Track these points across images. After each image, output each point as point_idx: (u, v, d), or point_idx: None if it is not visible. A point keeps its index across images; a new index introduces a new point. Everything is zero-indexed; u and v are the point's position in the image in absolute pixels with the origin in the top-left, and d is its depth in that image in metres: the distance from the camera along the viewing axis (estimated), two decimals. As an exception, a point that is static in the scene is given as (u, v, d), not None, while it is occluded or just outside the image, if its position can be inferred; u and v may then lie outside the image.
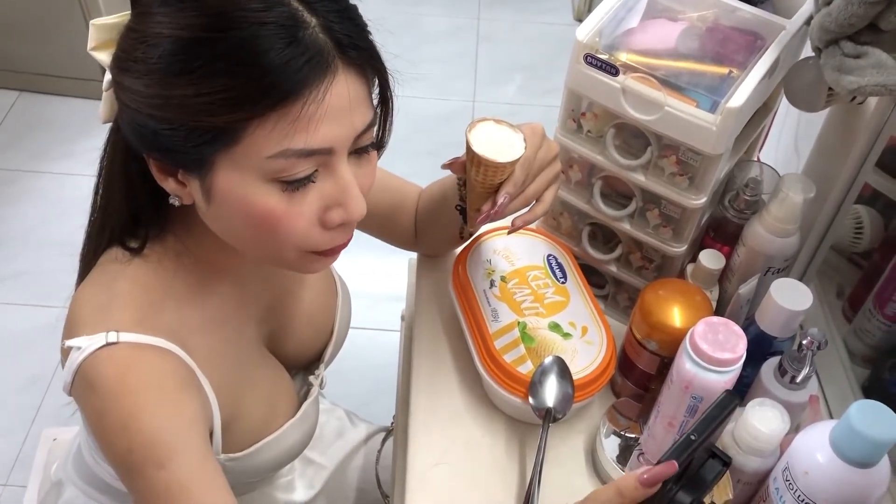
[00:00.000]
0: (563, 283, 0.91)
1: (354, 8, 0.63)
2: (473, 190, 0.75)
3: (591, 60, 0.80)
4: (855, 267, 0.97)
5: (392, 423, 1.09)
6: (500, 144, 0.71)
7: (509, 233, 0.82)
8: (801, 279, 0.96)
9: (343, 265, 0.85)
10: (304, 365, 0.92)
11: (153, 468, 0.63)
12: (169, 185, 0.65)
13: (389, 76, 0.66)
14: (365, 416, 1.16)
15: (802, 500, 0.65)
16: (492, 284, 0.90)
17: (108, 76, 0.64)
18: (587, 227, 0.95)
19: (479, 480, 0.84)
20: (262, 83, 0.57)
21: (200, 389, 0.70)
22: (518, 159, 0.72)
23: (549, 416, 0.81)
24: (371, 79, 0.64)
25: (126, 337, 0.65)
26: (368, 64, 0.63)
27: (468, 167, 0.73)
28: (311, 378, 0.89)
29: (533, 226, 0.99)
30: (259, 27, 0.57)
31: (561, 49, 2.65)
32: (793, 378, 0.77)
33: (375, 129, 0.67)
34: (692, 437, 0.54)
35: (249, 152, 0.59)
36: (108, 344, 0.64)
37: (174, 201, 0.66)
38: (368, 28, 0.64)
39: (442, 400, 0.91)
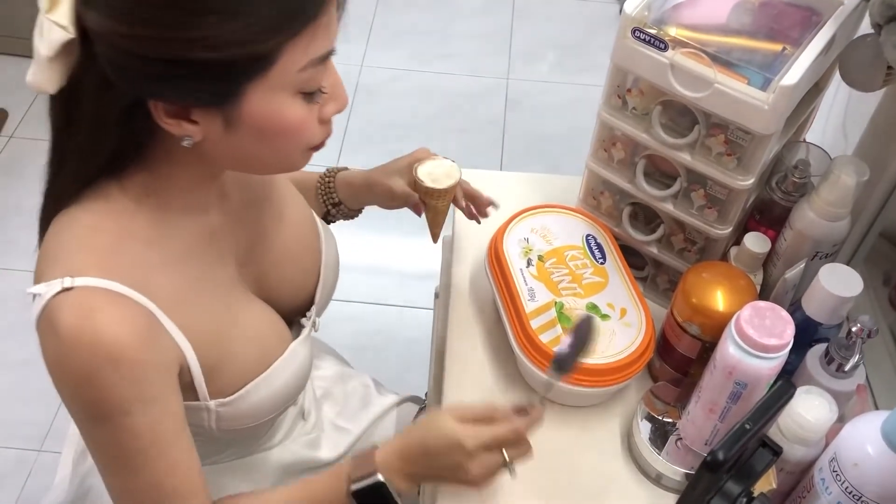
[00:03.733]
0: (601, 263, 0.90)
1: None
2: (438, 212, 0.93)
3: (640, 34, 0.78)
4: (904, 254, 0.94)
5: (424, 400, 1.09)
6: (441, 172, 0.91)
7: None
8: (847, 265, 0.93)
9: (371, 243, 0.85)
10: (297, 312, 0.91)
11: (119, 416, 0.65)
12: (181, 128, 0.63)
13: None
14: (398, 400, 1.15)
15: (850, 492, 0.63)
16: (529, 263, 0.89)
17: (57, 36, 0.60)
18: (628, 206, 0.92)
19: (512, 461, 0.83)
20: (300, 2, 0.60)
21: (163, 333, 0.69)
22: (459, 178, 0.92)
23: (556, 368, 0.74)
24: None
25: (81, 281, 0.65)
26: None
27: (429, 201, 0.92)
28: (303, 320, 0.89)
29: (572, 205, 0.97)
30: None
31: (597, 27, 2.60)
32: (840, 366, 0.75)
33: None
34: (747, 427, 0.52)
35: (283, 71, 0.62)
36: (64, 289, 0.64)
37: (187, 143, 0.65)
38: None
39: (475, 378, 0.90)
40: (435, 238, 0.96)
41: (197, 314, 0.72)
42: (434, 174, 0.90)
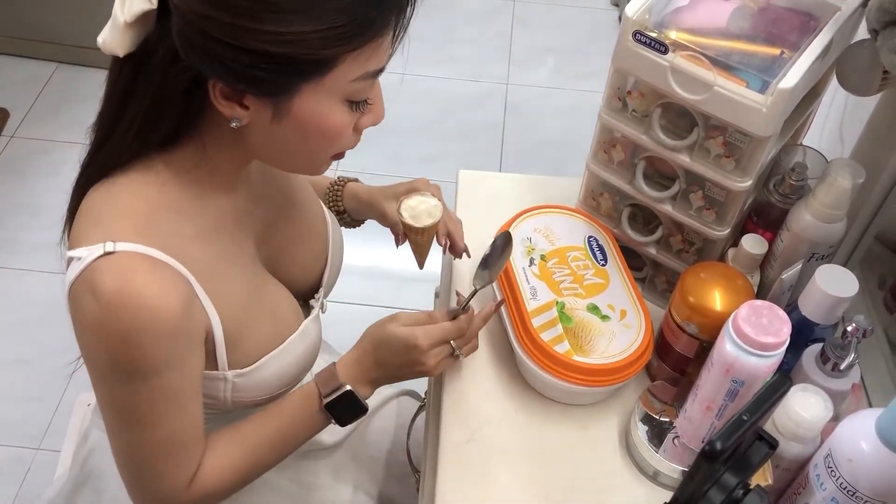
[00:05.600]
0: (603, 265, 0.91)
1: None
2: (419, 245, 0.94)
3: (640, 37, 0.79)
4: (899, 257, 0.95)
5: (424, 399, 1.10)
6: (423, 210, 0.92)
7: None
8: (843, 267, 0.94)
9: (371, 245, 0.87)
10: (305, 293, 0.94)
11: (151, 376, 0.69)
12: (232, 110, 0.67)
13: None
14: (395, 393, 1.16)
15: (844, 488, 0.64)
16: (531, 262, 0.90)
17: (138, 6, 0.63)
18: (627, 208, 0.94)
19: (511, 458, 0.84)
20: (372, 17, 0.63)
21: (196, 301, 0.72)
22: (442, 215, 0.93)
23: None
24: None
25: (122, 246, 0.67)
26: None
27: (410, 235, 0.93)
28: (312, 301, 0.92)
29: (572, 206, 0.98)
30: None
31: (596, 33, 2.62)
32: (835, 365, 0.76)
33: None
34: (744, 418, 0.53)
35: (338, 78, 0.66)
36: (106, 253, 0.66)
37: (234, 124, 0.68)
38: None
39: (475, 377, 0.91)
40: (420, 265, 0.98)
41: (224, 286, 0.75)
42: (416, 210, 0.92)
